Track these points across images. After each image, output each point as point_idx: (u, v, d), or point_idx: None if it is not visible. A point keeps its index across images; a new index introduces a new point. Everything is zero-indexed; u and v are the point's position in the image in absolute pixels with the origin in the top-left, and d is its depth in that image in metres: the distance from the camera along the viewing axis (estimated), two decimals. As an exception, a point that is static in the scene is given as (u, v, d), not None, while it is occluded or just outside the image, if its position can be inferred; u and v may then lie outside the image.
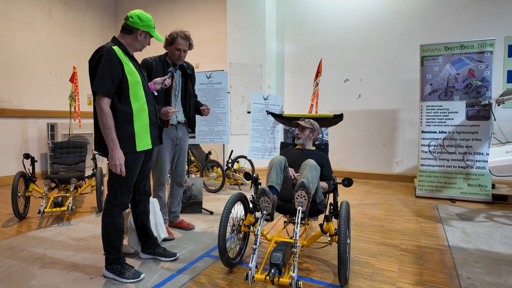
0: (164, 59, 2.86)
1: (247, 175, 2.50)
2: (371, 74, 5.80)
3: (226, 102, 4.20)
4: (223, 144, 5.02)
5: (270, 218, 2.19)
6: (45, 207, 3.44)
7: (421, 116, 4.59)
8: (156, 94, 2.73)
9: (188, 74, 2.96)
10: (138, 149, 2.13)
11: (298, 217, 2.02)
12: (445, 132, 4.45)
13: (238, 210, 2.93)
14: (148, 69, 2.78)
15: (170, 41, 2.76)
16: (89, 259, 2.52)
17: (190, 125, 3.07)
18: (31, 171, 3.69)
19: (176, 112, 2.87)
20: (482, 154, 4.26)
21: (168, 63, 2.86)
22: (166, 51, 2.89)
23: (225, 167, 5.17)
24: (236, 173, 5.22)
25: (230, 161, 5.30)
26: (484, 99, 4.25)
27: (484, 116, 4.25)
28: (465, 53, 4.34)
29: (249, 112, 4.40)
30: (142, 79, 2.22)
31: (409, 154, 5.58)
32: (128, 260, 2.46)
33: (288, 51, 6.52)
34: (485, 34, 4.95)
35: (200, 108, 3.06)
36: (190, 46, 2.83)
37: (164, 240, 2.88)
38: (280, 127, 4.50)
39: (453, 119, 4.41)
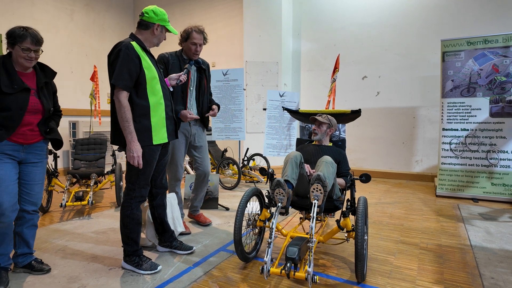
0: (180, 54, 2.88)
1: (262, 171, 2.50)
2: (390, 71, 5.69)
3: (242, 99, 4.21)
4: (239, 142, 5.03)
5: (285, 211, 2.17)
6: (67, 201, 3.54)
7: (442, 113, 4.46)
8: (171, 89, 2.77)
9: (203, 70, 2.96)
10: (154, 143, 2.17)
11: (313, 211, 2.00)
12: (467, 130, 4.31)
13: (253, 205, 2.93)
14: (165, 64, 2.82)
15: (185, 37, 2.79)
16: (108, 251, 2.58)
17: (203, 121, 3.04)
18: (53, 167, 3.81)
19: (190, 108, 2.89)
20: (506, 152, 4.10)
21: (184, 58, 2.88)
22: (181, 48, 2.92)
23: (241, 165, 5.19)
24: (251, 170, 5.22)
25: (245, 158, 5.31)
26: (509, 95, 4.09)
27: (508, 113, 4.09)
28: (488, 48, 4.19)
29: (264, 109, 4.40)
30: (159, 74, 2.26)
31: (429, 153, 5.43)
32: (146, 253, 2.51)
33: (304, 49, 6.48)
34: (510, 28, 4.76)
35: (214, 106, 3.03)
36: (205, 40, 2.85)
37: (181, 234, 2.91)
38: (296, 124, 4.48)
39: (475, 116, 4.26)
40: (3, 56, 2.01)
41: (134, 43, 2.11)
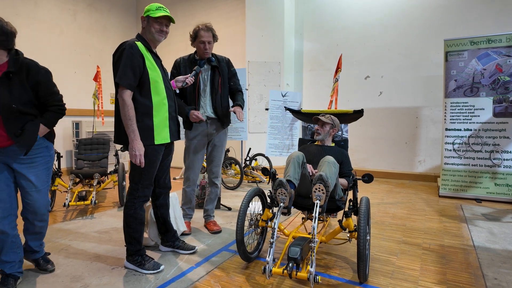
0: (192, 56, 2.87)
1: (264, 171, 2.50)
2: (393, 71, 5.67)
3: (244, 99, 4.21)
4: (241, 142, 5.04)
5: (287, 212, 2.17)
6: (70, 201, 3.56)
7: (445, 113, 4.45)
8: (178, 91, 2.78)
9: (216, 68, 2.88)
10: (156, 142, 2.17)
11: (316, 211, 2.00)
12: (471, 130, 4.29)
13: (256, 205, 2.93)
14: (177, 69, 2.84)
15: (194, 36, 2.78)
16: (111, 251, 2.59)
17: (219, 120, 2.94)
18: (57, 166, 3.83)
19: (205, 108, 2.88)
20: (510, 152, 4.08)
21: (196, 59, 2.84)
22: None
23: (243, 165, 5.19)
24: (254, 170, 5.22)
25: (248, 158, 5.32)
26: (512, 95, 4.07)
27: (512, 113, 4.07)
28: (492, 48, 4.17)
29: (267, 109, 4.40)
30: (163, 75, 2.27)
31: (432, 153, 5.42)
32: (148, 253, 2.51)
33: (307, 49, 6.47)
34: (514, 28, 4.74)
35: (232, 108, 2.90)
36: (215, 38, 2.81)
37: (183, 234, 2.92)
38: (298, 124, 4.48)
39: (479, 116, 4.24)
40: None
41: (139, 43, 2.12)
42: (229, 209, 3.80)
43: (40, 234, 2.11)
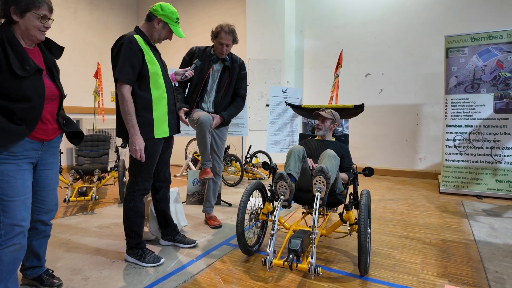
0: (209, 50, 2.86)
1: (265, 165, 2.49)
2: (394, 68, 5.66)
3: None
4: (242, 139, 5.04)
5: (287, 205, 2.17)
6: (70, 196, 3.56)
7: (446, 109, 4.44)
8: (177, 84, 2.77)
9: (227, 68, 2.88)
10: (156, 136, 2.17)
11: (316, 203, 2.00)
12: (472, 126, 4.28)
13: (256, 200, 2.93)
14: (190, 56, 2.84)
15: (215, 35, 2.76)
16: (111, 245, 2.59)
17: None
18: (57, 162, 3.82)
19: (208, 103, 2.88)
20: (511, 148, 4.07)
21: (211, 54, 2.84)
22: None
23: (244, 162, 5.19)
24: (254, 167, 5.22)
25: (248, 156, 5.31)
26: (513, 91, 4.06)
27: (513, 109, 4.06)
28: (493, 44, 4.16)
29: (267, 105, 4.40)
30: (162, 68, 2.26)
31: (433, 150, 5.41)
32: (149, 247, 2.50)
33: (307, 46, 6.47)
34: (515, 24, 4.73)
35: (213, 115, 2.89)
36: (235, 41, 2.80)
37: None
38: (299, 120, 4.48)
39: (480, 112, 4.24)
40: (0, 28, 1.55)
41: (137, 37, 2.11)
42: (230, 205, 3.79)
43: (48, 237, 1.95)
